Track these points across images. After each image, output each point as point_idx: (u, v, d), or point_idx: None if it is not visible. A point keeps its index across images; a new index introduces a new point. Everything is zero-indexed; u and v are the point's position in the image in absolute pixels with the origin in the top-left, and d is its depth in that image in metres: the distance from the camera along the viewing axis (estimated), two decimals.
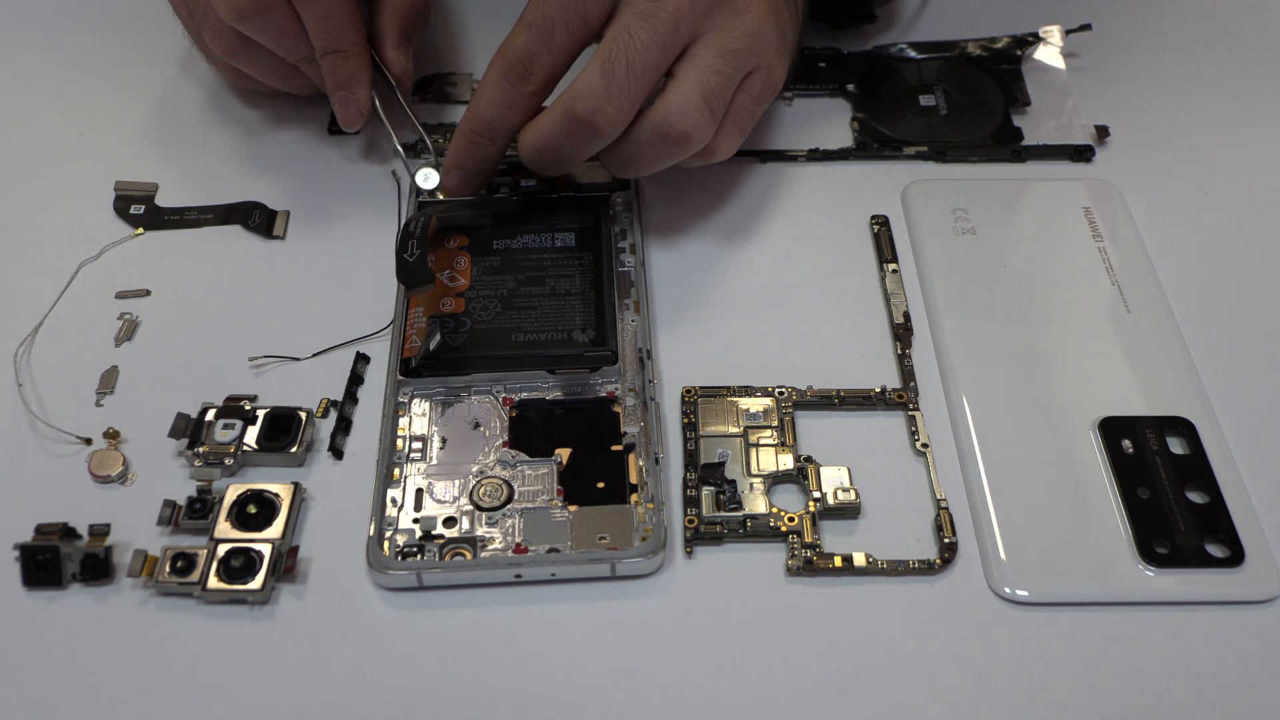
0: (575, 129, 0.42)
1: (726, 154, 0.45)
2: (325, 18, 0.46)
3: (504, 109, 0.44)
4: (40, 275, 0.47)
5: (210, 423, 0.41)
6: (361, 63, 0.48)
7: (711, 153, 0.45)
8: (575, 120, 0.42)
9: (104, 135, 0.53)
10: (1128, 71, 0.56)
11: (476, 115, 0.45)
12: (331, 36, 0.47)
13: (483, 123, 0.45)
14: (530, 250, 0.46)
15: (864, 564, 0.38)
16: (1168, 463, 0.41)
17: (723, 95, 0.43)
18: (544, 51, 0.43)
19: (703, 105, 0.42)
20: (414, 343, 0.43)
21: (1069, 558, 0.38)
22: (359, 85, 0.48)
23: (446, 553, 0.38)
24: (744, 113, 0.45)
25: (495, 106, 0.44)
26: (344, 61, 0.47)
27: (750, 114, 0.45)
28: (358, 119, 0.49)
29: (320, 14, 0.46)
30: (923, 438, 0.42)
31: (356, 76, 0.48)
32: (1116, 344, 0.44)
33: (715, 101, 0.42)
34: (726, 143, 0.45)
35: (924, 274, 0.47)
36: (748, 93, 0.44)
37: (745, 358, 0.44)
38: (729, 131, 0.45)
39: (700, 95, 0.42)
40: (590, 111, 0.41)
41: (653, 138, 0.43)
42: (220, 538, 0.38)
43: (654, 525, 0.38)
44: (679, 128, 0.42)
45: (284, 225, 0.49)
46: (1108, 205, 0.49)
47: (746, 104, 0.45)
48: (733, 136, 0.45)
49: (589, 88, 0.41)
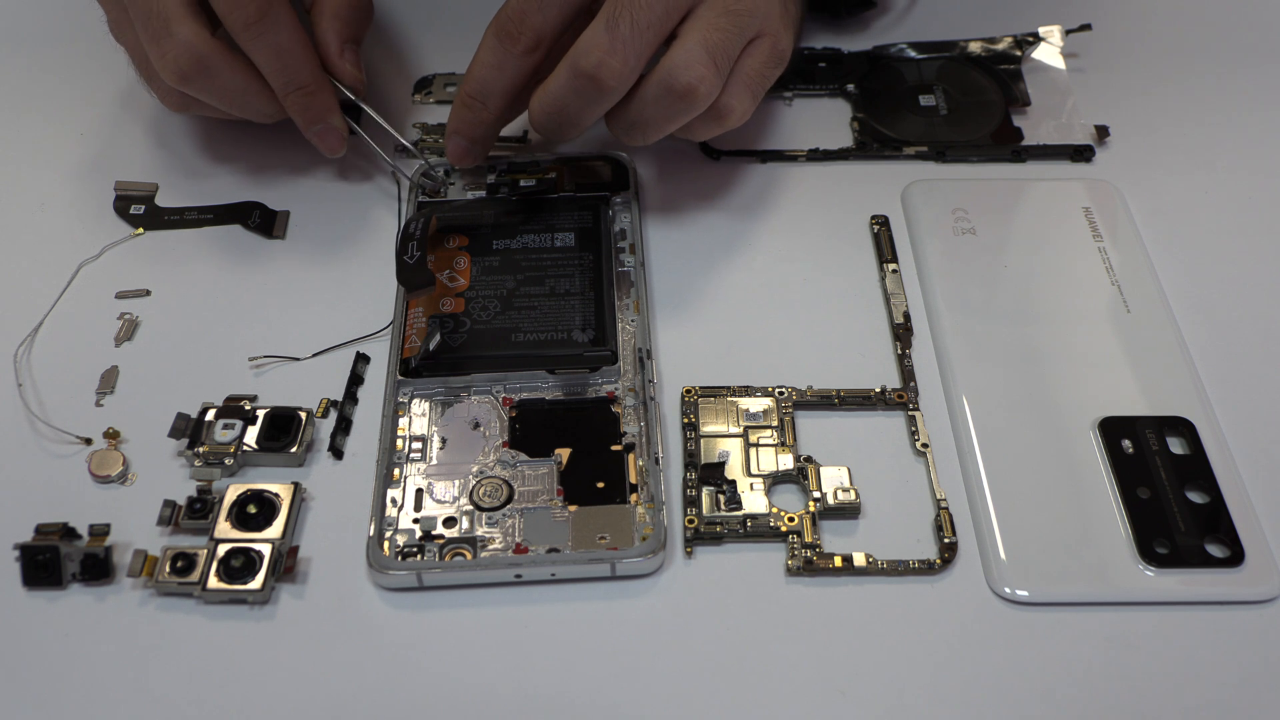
0: (581, 86, 0.42)
1: (740, 116, 0.45)
2: (279, 53, 0.45)
3: (495, 70, 0.44)
4: (40, 275, 0.47)
5: (210, 423, 0.41)
6: (327, 94, 0.47)
7: (724, 114, 0.45)
8: (580, 76, 0.42)
9: (104, 135, 0.53)
10: (1128, 71, 0.56)
11: (470, 78, 0.45)
12: (290, 73, 0.45)
13: (475, 84, 0.45)
14: (530, 250, 0.46)
15: (864, 564, 0.38)
16: (1168, 463, 0.41)
17: (727, 51, 0.43)
18: (534, 10, 0.43)
19: (707, 59, 0.42)
20: (414, 343, 0.43)
21: (1069, 558, 0.38)
22: (331, 114, 0.47)
23: (446, 553, 0.38)
24: (754, 75, 0.45)
25: (486, 68, 0.44)
26: (310, 96, 0.46)
27: (761, 77, 0.45)
28: (340, 145, 0.48)
29: (274, 51, 0.45)
30: (923, 438, 0.42)
31: (326, 106, 0.47)
32: (1116, 344, 0.44)
33: (720, 56, 0.42)
34: (738, 103, 0.45)
35: (924, 274, 0.47)
36: (755, 56, 0.44)
37: (745, 358, 0.44)
38: (739, 91, 0.44)
39: (704, 49, 0.42)
40: (595, 66, 0.41)
41: (659, 94, 0.43)
42: (220, 538, 0.38)
43: (654, 525, 0.38)
44: (684, 80, 0.42)
45: (284, 225, 0.49)
46: (1108, 205, 0.49)
47: (756, 66, 0.45)
48: (744, 97, 0.45)
49: (593, 42, 0.41)
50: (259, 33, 0.44)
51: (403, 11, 0.59)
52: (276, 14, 0.44)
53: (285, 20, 0.44)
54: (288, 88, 0.46)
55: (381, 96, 0.54)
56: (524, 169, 0.50)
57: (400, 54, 0.57)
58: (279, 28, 0.44)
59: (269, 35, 0.44)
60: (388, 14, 0.59)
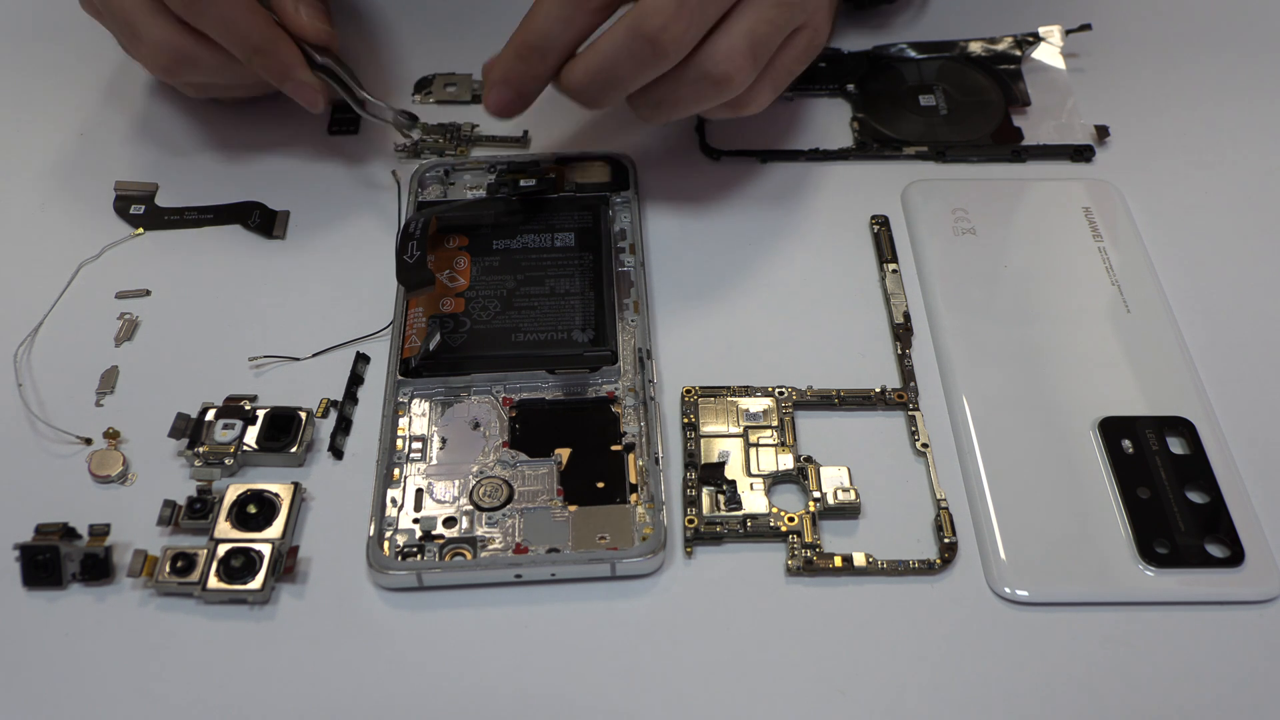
0: (638, 49, 0.41)
1: (758, 108, 0.45)
2: (226, 23, 0.44)
3: (561, 23, 0.42)
4: (40, 275, 0.47)
5: (210, 423, 0.41)
6: (287, 49, 0.46)
7: (744, 104, 0.45)
8: (641, 38, 0.41)
9: (104, 135, 0.53)
10: (1128, 71, 0.56)
11: (532, 28, 0.42)
12: (243, 38, 0.44)
13: (538, 36, 0.42)
14: (530, 250, 0.46)
15: (864, 564, 0.38)
16: (1168, 463, 0.41)
17: (770, 46, 0.43)
18: None
19: (749, 51, 0.42)
20: (414, 343, 0.43)
21: (1069, 558, 0.38)
22: (295, 69, 0.46)
23: (446, 553, 0.38)
24: (783, 70, 0.45)
25: (552, 20, 0.42)
26: (268, 57, 0.45)
27: (789, 72, 0.45)
28: (315, 98, 0.47)
29: (220, 22, 0.44)
30: (923, 438, 0.42)
31: (288, 63, 0.46)
32: (1116, 344, 0.44)
33: (761, 50, 0.42)
34: (761, 96, 0.45)
35: (924, 274, 0.47)
36: (791, 50, 0.44)
37: (745, 358, 0.44)
38: (765, 86, 0.44)
39: (749, 42, 0.42)
40: (658, 30, 0.40)
41: (695, 76, 0.42)
42: (220, 538, 0.38)
43: (654, 525, 0.38)
44: (722, 69, 0.42)
45: (284, 225, 0.49)
46: (1108, 205, 0.49)
47: (788, 62, 0.45)
48: (767, 91, 0.45)
49: (659, 6, 0.40)
50: (200, 9, 0.44)
51: (403, 11, 0.59)
52: None
53: None
54: (245, 53, 0.45)
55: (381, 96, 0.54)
56: (524, 169, 0.50)
57: (400, 54, 0.57)
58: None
59: (210, 9, 0.44)
60: (388, 14, 0.59)
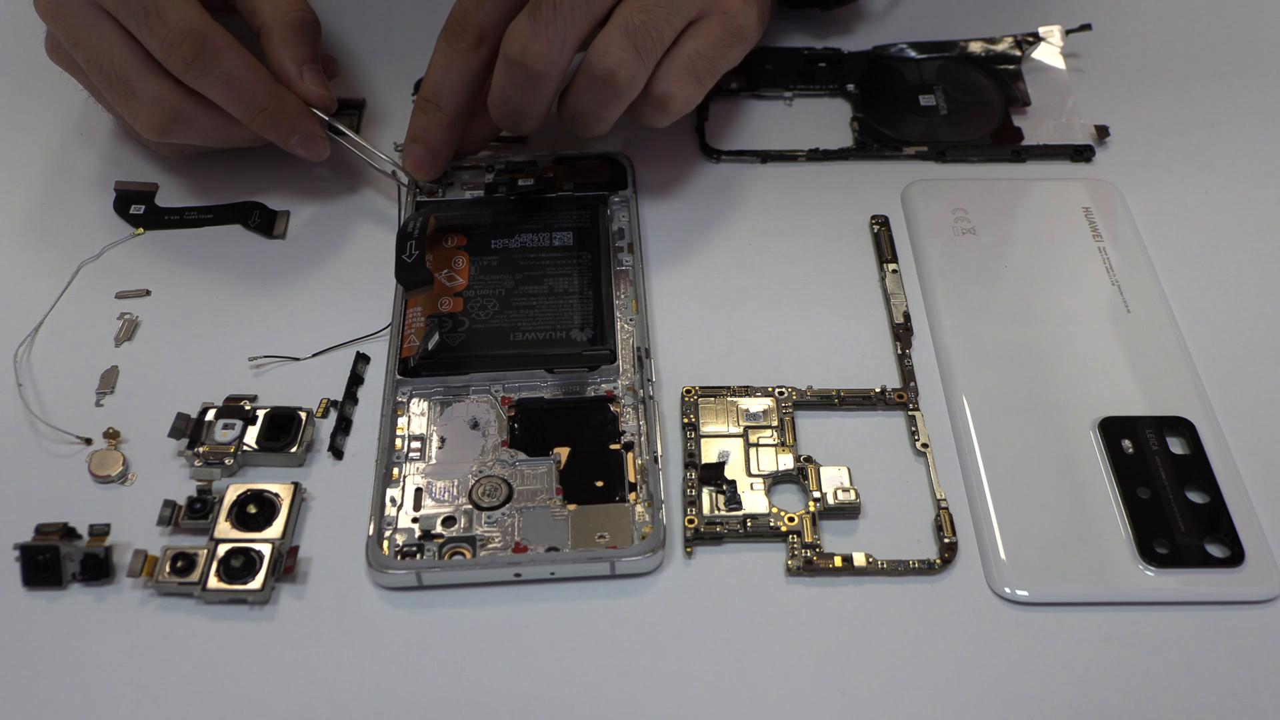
0: (513, 74, 0.43)
1: (683, 103, 0.44)
2: (228, 83, 0.43)
3: (444, 70, 0.45)
4: (40, 275, 0.47)
5: (210, 423, 0.41)
6: (294, 105, 0.46)
7: (664, 101, 0.44)
8: (510, 64, 0.42)
9: (104, 135, 0.53)
10: (1128, 71, 0.56)
11: (424, 82, 0.46)
12: (246, 98, 0.44)
13: (428, 87, 0.46)
14: (528, 250, 0.46)
15: (864, 564, 0.38)
16: (1168, 463, 0.40)
17: (650, 34, 0.42)
18: (474, 6, 0.44)
19: (625, 43, 0.42)
20: (413, 342, 0.43)
21: (1069, 558, 0.38)
22: (303, 121, 0.46)
23: (446, 552, 0.38)
24: (699, 59, 0.44)
25: (437, 69, 0.45)
26: (273, 115, 0.45)
27: (708, 60, 0.44)
28: (322, 148, 0.47)
29: (222, 82, 0.43)
30: (923, 438, 0.42)
31: (295, 116, 0.46)
32: (1116, 344, 0.44)
33: (642, 40, 0.42)
34: (679, 89, 0.44)
35: (924, 274, 0.47)
36: (703, 37, 0.44)
37: (745, 358, 0.44)
38: (677, 75, 0.44)
39: (624, 34, 0.42)
40: (520, 52, 0.42)
41: (585, 81, 0.43)
42: (220, 538, 0.38)
43: (653, 524, 0.38)
44: (602, 65, 0.42)
45: (284, 225, 0.49)
46: (1108, 205, 0.49)
47: (702, 49, 0.44)
48: (684, 82, 0.44)
49: (517, 29, 0.42)
50: (202, 69, 0.43)
51: (402, 12, 0.59)
52: (213, 47, 0.43)
53: (225, 49, 0.43)
54: (249, 113, 0.45)
55: (381, 97, 0.54)
56: (522, 168, 0.50)
57: (400, 54, 0.56)
58: (220, 59, 0.43)
59: (212, 69, 0.43)
60: (387, 16, 0.59)
